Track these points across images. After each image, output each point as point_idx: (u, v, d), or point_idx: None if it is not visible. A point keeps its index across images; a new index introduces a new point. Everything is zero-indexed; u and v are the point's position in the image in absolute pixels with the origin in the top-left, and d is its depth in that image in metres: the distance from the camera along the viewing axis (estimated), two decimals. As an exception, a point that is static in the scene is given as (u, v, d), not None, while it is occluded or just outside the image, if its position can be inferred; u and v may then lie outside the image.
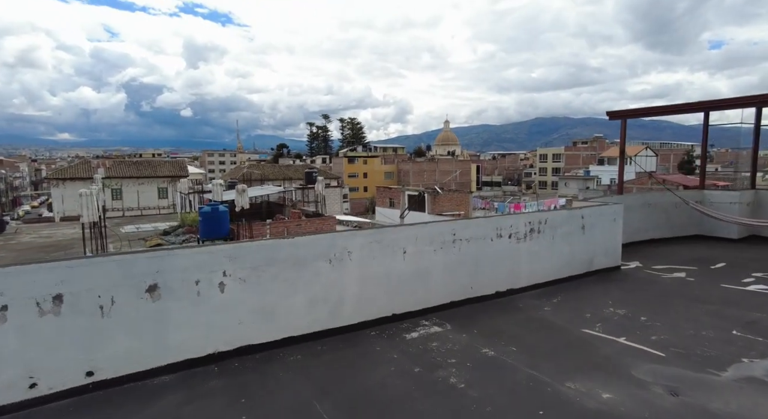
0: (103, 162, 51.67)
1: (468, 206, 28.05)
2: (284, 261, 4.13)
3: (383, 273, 4.73)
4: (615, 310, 5.17)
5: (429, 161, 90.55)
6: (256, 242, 4.01)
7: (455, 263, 5.23)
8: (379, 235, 4.68)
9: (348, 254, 4.49)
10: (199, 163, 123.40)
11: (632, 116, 8.53)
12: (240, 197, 16.57)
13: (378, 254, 4.68)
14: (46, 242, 20.95)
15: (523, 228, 5.79)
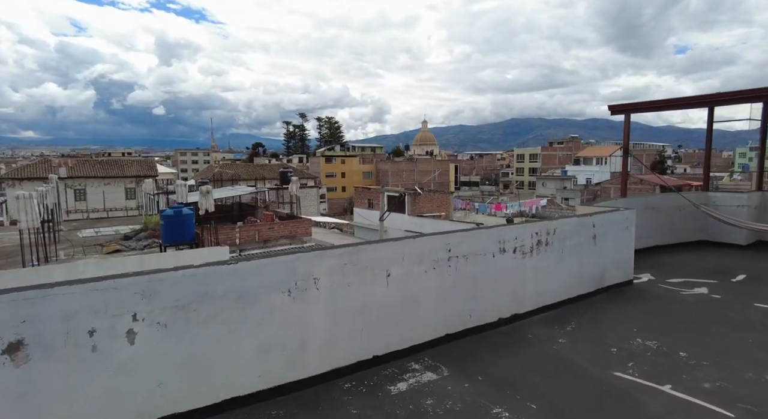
0: (65, 161, 48.78)
1: (449, 207, 27.23)
2: (224, 296, 3.01)
3: (360, 304, 3.65)
4: (644, 341, 4.23)
5: (408, 161, 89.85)
6: (182, 272, 2.87)
7: (451, 286, 4.20)
8: (354, 254, 3.60)
9: (314, 281, 3.39)
10: (171, 162, 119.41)
11: (635, 110, 7.71)
12: (204, 198, 15.20)
13: (354, 280, 3.60)
14: (-11, 249, 18.99)
15: (529, 241, 4.81)
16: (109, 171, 47.47)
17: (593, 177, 73.72)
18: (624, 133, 7.68)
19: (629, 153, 7.85)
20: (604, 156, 78.70)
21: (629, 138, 7.69)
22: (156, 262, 13.45)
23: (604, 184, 48.57)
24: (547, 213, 30.36)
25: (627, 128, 7.61)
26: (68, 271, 12.03)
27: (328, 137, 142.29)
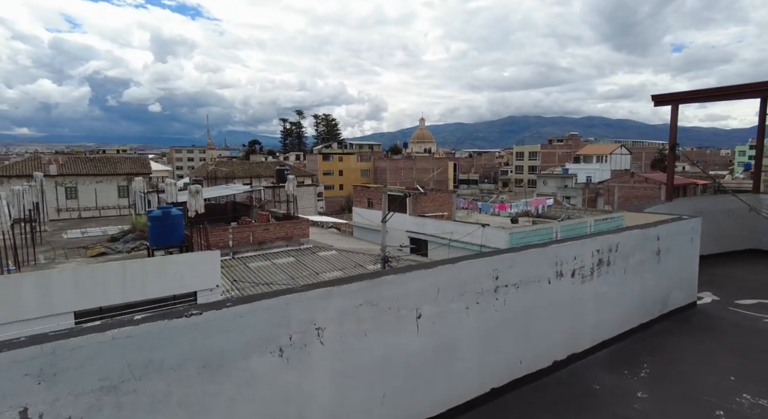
0: (56, 158, 47.46)
1: (452, 207, 26.22)
2: (180, 365, 1.96)
3: (381, 359, 2.60)
4: (753, 398, 3.21)
5: (406, 159, 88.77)
6: (112, 333, 1.82)
7: (498, 325, 3.16)
8: (374, 290, 2.55)
9: (317, 332, 2.34)
10: (166, 160, 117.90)
11: (683, 100, 6.68)
12: (193, 199, 14.12)
13: (372, 326, 2.55)
14: (-34, 252, 17.82)
15: (589, 260, 3.77)
16: (102, 169, 46.23)
17: (594, 175, 72.91)
18: (671, 126, 6.67)
19: (677, 150, 6.82)
20: (605, 154, 77.86)
21: (676, 133, 6.67)
22: (140, 269, 12.37)
23: (609, 182, 47.64)
24: (553, 213, 29.40)
25: (674, 120, 6.59)
26: (39, 281, 10.94)
27: (325, 134, 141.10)
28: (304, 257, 18.83)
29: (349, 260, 18.82)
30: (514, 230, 21.12)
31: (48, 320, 10.70)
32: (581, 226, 24.28)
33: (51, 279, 10.94)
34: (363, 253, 20.02)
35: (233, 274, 16.11)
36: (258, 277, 16.16)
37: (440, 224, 22.50)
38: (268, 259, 18.22)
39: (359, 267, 17.96)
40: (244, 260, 17.78)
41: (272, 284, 15.49)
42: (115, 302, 11.83)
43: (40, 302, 10.73)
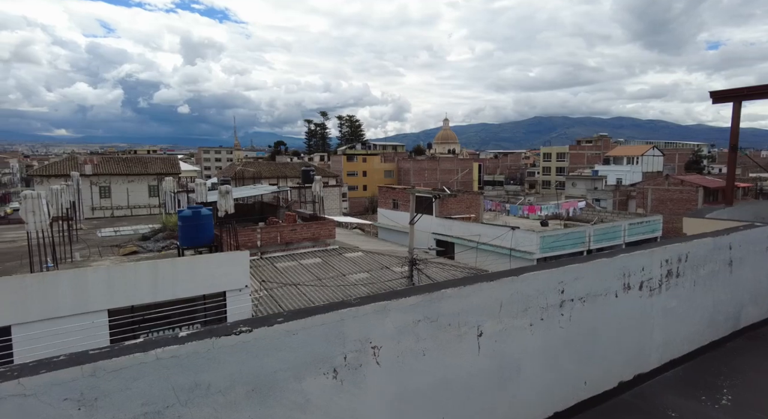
0: (91, 159, 49.09)
1: (479, 209, 25.70)
2: (228, 388, 1.76)
3: (439, 381, 2.36)
4: None
5: (430, 160, 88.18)
6: (156, 352, 1.63)
7: (562, 343, 2.87)
8: (433, 305, 2.30)
9: (373, 352, 2.11)
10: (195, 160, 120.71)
11: (746, 96, 6.17)
12: (223, 199, 14.18)
13: (431, 344, 2.31)
14: (6, 249, 18.48)
15: (657, 271, 3.43)
16: (133, 169, 47.59)
17: (624, 177, 70.70)
18: (732, 125, 6.16)
19: (739, 150, 6.32)
20: (636, 155, 75.51)
21: (738, 132, 6.16)
22: (170, 268, 12.47)
23: (641, 185, 46.03)
24: (584, 216, 28.50)
25: (736, 119, 6.09)
26: (75, 278, 11.14)
27: (349, 135, 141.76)
28: (331, 258, 18.74)
29: (375, 262, 18.62)
30: (546, 234, 20.51)
31: (83, 317, 10.88)
32: (615, 230, 23.42)
33: (86, 277, 11.12)
34: (389, 255, 19.79)
35: (261, 274, 16.13)
36: (285, 277, 16.14)
37: (467, 227, 22.06)
38: (295, 259, 18.20)
39: (385, 269, 17.74)
40: (271, 260, 17.81)
41: (299, 285, 15.44)
42: (146, 300, 11.96)
43: (76, 299, 10.91)
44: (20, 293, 10.45)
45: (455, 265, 18.53)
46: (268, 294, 14.66)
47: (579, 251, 21.92)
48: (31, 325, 10.44)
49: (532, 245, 19.83)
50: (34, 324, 10.46)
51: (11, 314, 10.29)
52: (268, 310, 13.58)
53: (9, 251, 18.08)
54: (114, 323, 11.42)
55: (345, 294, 14.93)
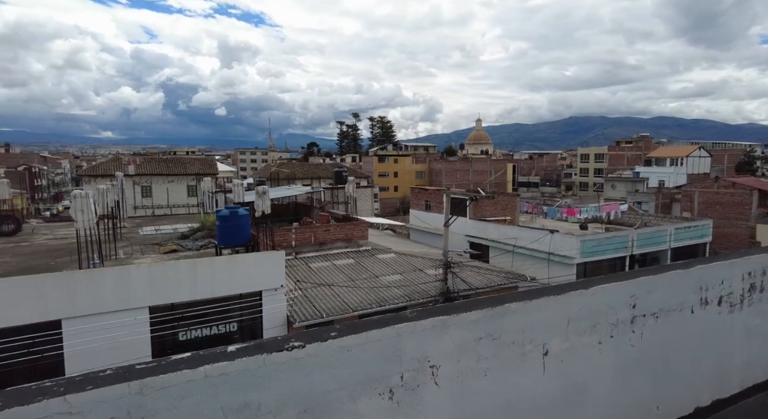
0: (134, 159, 51.18)
1: (515, 211, 25.05)
2: (279, 408, 1.62)
3: (502, 404, 2.15)
4: None
5: (462, 161, 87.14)
6: (205, 369, 1.51)
7: (634, 362, 2.60)
8: (496, 321, 2.10)
9: (431, 371, 1.93)
10: (231, 161, 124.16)
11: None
12: (260, 199, 14.35)
13: (493, 364, 2.10)
14: (58, 245, 19.40)
15: (739, 285, 3.08)
16: (173, 169, 49.34)
17: (668, 179, 67.57)
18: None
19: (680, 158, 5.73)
20: (681, 156, 72.06)
21: None
22: (208, 267, 12.70)
23: (687, 187, 43.78)
24: (626, 219, 27.30)
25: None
26: (119, 275, 11.49)
27: (380, 136, 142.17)
28: (364, 259, 18.68)
29: (408, 264, 18.42)
30: (586, 238, 19.72)
31: (125, 314, 11.22)
32: (660, 234, 22.29)
33: (129, 275, 11.48)
34: (422, 257, 19.54)
35: (296, 274, 16.23)
36: (319, 278, 16.18)
37: (503, 229, 21.50)
38: (329, 260, 18.24)
39: (418, 272, 17.51)
40: (306, 260, 17.91)
41: (333, 286, 15.43)
42: (185, 298, 12.22)
43: (120, 296, 11.26)
44: (69, 289, 10.88)
45: (491, 269, 18.08)
46: (302, 294, 14.73)
47: (621, 256, 20.98)
48: (79, 319, 10.84)
49: (572, 250, 19.10)
50: (82, 319, 10.86)
51: (62, 308, 10.72)
52: (303, 310, 13.62)
53: (60, 247, 18.99)
54: (155, 320, 11.72)
55: (378, 296, 14.81)
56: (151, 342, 11.57)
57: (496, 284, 16.52)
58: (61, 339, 10.54)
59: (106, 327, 10.79)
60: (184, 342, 12.31)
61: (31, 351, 10.00)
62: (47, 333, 10.28)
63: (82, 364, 10.68)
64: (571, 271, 19.48)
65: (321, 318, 13.33)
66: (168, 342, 12.04)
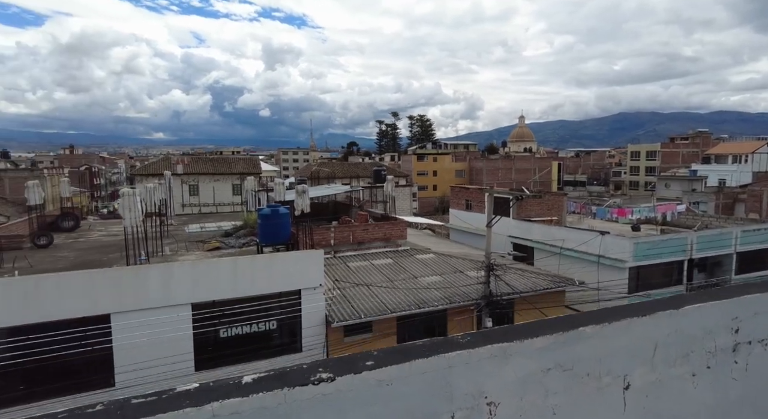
0: (182, 159, 53.42)
1: (562, 211, 23.94)
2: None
3: (574, 448, 1.76)
4: None
5: (504, 159, 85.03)
6: (215, 407, 1.24)
7: (735, 399, 2.13)
8: (568, 349, 1.72)
9: (489, 409, 1.58)
10: (274, 161, 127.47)
11: None
12: (300, 198, 14.35)
13: (563, 400, 1.72)
14: (111, 241, 20.33)
15: None
16: (219, 168, 51.20)
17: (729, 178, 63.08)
18: None
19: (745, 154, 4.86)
20: (745, 153, 67.11)
21: None
22: (249, 265, 12.80)
23: (753, 186, 40.51)
24: (683, 221, 25.48)
25: None
26: (163, 272, 11.76)
27: (420, 134, 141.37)
28: (402, 259, 18.37)
29: (448, 265, 17.94)
30: (640, 240, 18.50)
31: (168, 310, 11.45)
32: (724, 237, 20.58)
33: (172, 272, 11.72)
34: (462, 258, 19.00)
35: (334, 273, 16.16)
36: (358, 277, 16.02)
37: (549, 230, 20.54)
38: (367, 259, 18.06)
39: (459, 273, 17.00)
40: (344, 259, 17.82)
41: (371, 286, 15.22)
42: (226, 296, 12.37)
43: (163, 292, 11.51)
44: (117, 284, 11.24)
45: (536, 272, 17.28)
46: (340, 294, 14.61)
47: (679, 260, 19.53)
48: (126, 314, 11.17)
49: (624, 252, 17.96)
50: (129, 314, 11.18)
51: (110, 303, 11.09)
52: (341, 310, 13.48)
53: (113, 243, 19.89)
54: (197, 317, 11.92)
55: (417, 298, 14.45)
56: (193, 338, 11.79)
57: (542, 288, 15.75)
58: (110, 333, 10.90)
59: (151, 323, 11.05)
60: (225, 340, 12.48)
61: (83, 344, 10.37)
62: (97, 326, 10.65)
63: (129, 358, 11.01)
64: (623, 275, 18.33)
65: (359, 318, 13.14)
66: (209, 339, 12.24)
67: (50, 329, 10.25)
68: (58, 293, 10.59)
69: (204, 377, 11.90)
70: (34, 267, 14.60)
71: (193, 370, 11.79)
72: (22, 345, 10.37)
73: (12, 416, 10.09)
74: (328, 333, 13.21)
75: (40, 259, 16.05)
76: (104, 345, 10.84)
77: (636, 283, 18.70)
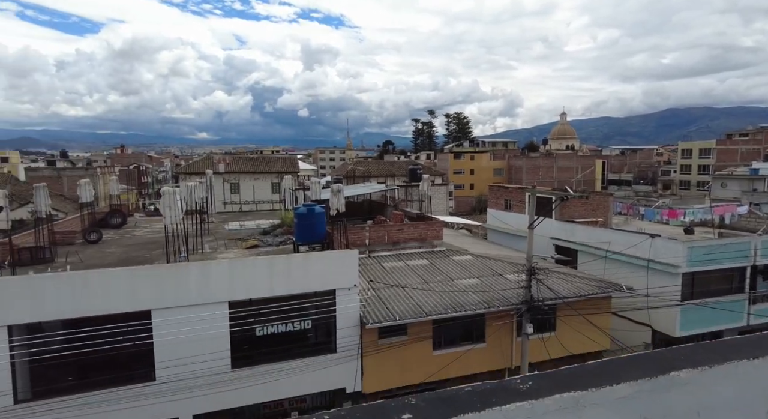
0: (224, 158, 54.98)
1: (608, 212, 22.74)
2: None
3: None
4: None
5: (545, 157, 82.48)
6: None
7: None
8: (656, 398, 1.36)
9: (556, 477, 1.25)
10: (311, 160, 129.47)
11: None
12: (335, 198, 14.25)
13: (650, 464, 1.36)
14: (154, 238, 21.03)
15: None
16: (258, 167, 52.43)
17: None
18: None
19: None
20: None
21: None
22: (285, 264, 12.79)
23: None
24: (745, 224, 23.62)
25: None
26: (202, 270, 11.92)
27: (456, 132, 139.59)
28: (438, 260, 17.95)
29: (487, 267, 17.37)
30: (695, 244, 17.23)
31: (206, 307, 11.60)
32: (792, 242, 18.83)
33: (210, 270, 11.87)
34: (501, 260, 18.36)
35: (369, 273, 15.97)
36: (393, 278, 15.76)
37: (594, 232, 19.51)
38: (402, 260, 17.77)
39: (498, 276, 16.42)
40: (379, 259, 17.61)
41: (407, 287, 14.93)
42: (262, 294, 12.42)
43: (201, 290, 11.67)
44: (158, 281, 11.49)
45: (580, 276, 16.42)
46: (375, 295, 14.40)
47: (740, 267, 18.07)
48: (167, 311, 11.40)
49: (676, 257, 16.77)
50: (169, 311, 11.40)
51: (151, 299, 11.35)
52: (376, 311, 13.26)
53: (156, 240, 20.56)
54: (233, 314, 12.02)
55: (454, 301, 14.03)
56: (229, 336, 11.90)
57: (587, 293, 14.92)
58: (151, 329, 11.15)
59: (189, 320, 11.23)
60: (261, 338, 12.54)
61: (125, 339, 10.66)
62: (139, 322, 10.92)
63: (169, 354, 11.24)
64: (676, 281, 17.13)
65: (394, 320, 12.88)
66: (245, 337, 12.33)
67: (95, 323, 10.60)
68: (103, 289, 10.93)
69: (239, 375, 12.01)
70: (84, 262, 15.24)
71: (230, 368, 11.90)
72: (70, 338, 10.79)
73: (64, 404, 10.51)
74: (362, 334, 13.03)
75: (90, 254, 16.76)
76: (146, 341, 11.11)
77: (690, 290, 17.45)
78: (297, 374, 12.43)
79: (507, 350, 14.76)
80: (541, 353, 14.43)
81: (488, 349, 14.53)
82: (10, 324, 10.45)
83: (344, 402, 13.24)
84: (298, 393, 13.09)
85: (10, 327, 10.45)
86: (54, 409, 10.52)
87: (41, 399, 10.70)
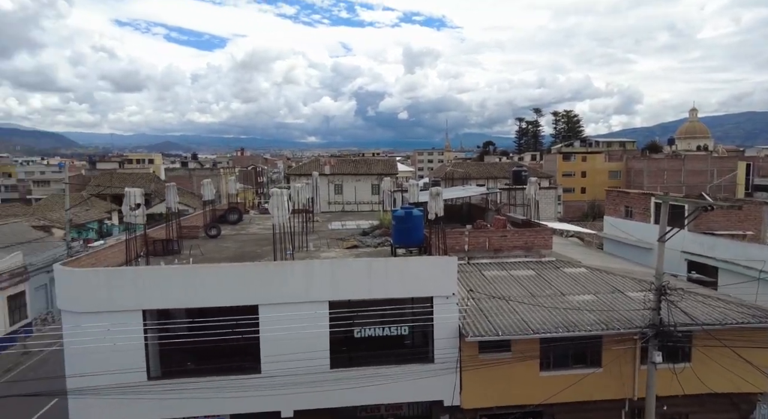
0: (330, 160, 57.88)
1: (761, 224, 18.98)
2: None
3: None
4: None
5: (671, 158, 72.97)
6: None
7: None
8: None
9: None
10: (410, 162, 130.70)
11: None
12: (434, 201, 13.75)
13: None
14: (266, 235, 22.47)
15: None
16: (360, 169, 54.28)
17: None
18: None
19: None
20: None
21: None
22: (383, 267, 12.60)
23: None
24: None
25: None
26: (305, 269, 12.23)
27: (565, 132, 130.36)
28: (546, 271, 16.47)
29: (604, 283, 15.49)
30: None
31: (307, 306, 11.86)
32: None
33: (313, 269, 12.14)
34: (622, 275, 16.26)
35: (468, 281, 15.19)
36: (494, 289, 14.79)
37: (744, 248, 16.34)
38: (505, 269, 16.64)
39: (618, 293, 14.51)
40: (479, 267, 16.71)
41: (510, 300, 13.86)
42: (361, 296, 12.39)
43: (304, 288, 11.97)
44: (265, 277, 12.04)
45: (724, 299, 13.80)
46: (475, 305, 13.59)
47: None
48: (272, 307, 11.89)
49: None
50: (274, 307, 11.89)
51: (259, 294, 11.93)
52: (477, 324, 12.47)
53: (267, 237, 21.94)
54: (333, 314, 12.14)
55: (565, 319, 12.64)
56: (329, 336, 12.05)
57: (734, 321, 12.44)
58: (258, 323, 11.71)
59: (292, 317, 11.58)
60: (359, 340, 12.52)
61: (235, 331, 11.32)
62: (248, 316, 11.52)
63: (273, 349, 11.70)
64: None
65: (496, 336, 11.97)
66: (344, 338, 12.39)
67: (210, 314, 11.41)
68: (217, 282, 11.75)
69: (337, 376, 12.10)
70: (204, 255, 16.72)
71: (329, 368, 12.05)
72: (190, 326, 11.78)
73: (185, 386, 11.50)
74: (461, 346, 12.34)
75: (210, 248, 18.38)
76: (253, 334, 11.69)
77: None
78: (393, 381, 12.18)
79: (628, 378, 12.94)
80: (672, 386, 12.39)
81: (605, 375, 12.87)
82: (144, 309, 11.70)
83: (442, 416, 12.67)
84: (395, 399, 12.84)
85: (144, 311, 11.69)
86: (177, 389, 11.55)
87: (167, 378, 11.83)
